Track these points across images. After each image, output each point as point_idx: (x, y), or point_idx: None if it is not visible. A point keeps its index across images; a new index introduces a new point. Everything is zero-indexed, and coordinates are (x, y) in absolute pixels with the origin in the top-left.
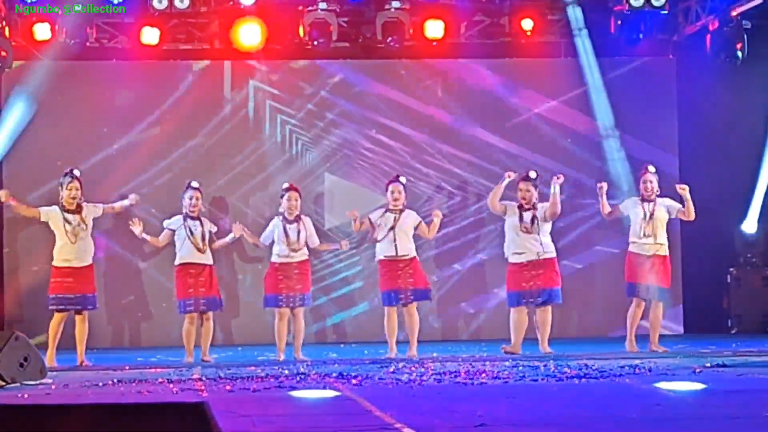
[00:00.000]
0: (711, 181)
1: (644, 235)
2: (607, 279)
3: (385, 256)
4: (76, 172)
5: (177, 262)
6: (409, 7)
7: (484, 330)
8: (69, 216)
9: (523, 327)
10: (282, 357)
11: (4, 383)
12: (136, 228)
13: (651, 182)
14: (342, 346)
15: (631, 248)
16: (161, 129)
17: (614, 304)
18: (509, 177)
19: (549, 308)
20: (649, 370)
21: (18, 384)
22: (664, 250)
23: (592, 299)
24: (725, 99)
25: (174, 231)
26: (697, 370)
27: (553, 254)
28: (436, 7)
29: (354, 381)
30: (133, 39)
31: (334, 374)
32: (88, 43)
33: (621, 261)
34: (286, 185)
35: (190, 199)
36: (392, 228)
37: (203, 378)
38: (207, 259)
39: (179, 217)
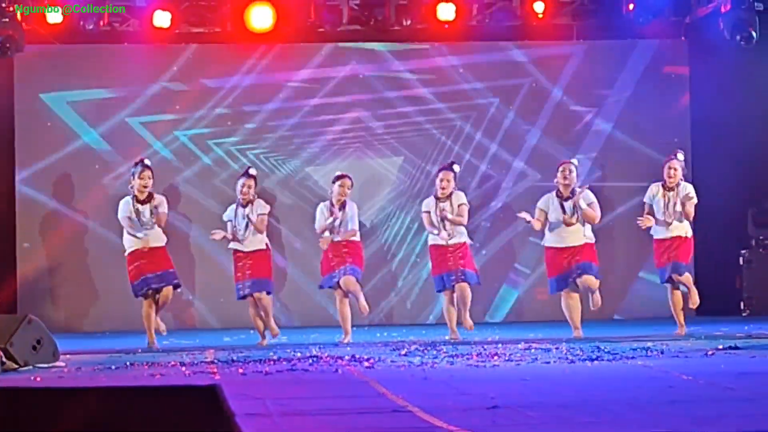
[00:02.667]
0: (723, 163)
1: (666, 224)
2: (615, 260)
3: (435, 243)
4: (147, 162)
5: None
6: None
7: (523, 312)
8: (140, 207)
9: (572, 310)
10: (348, 339)
11: (17, 366)
12: (218, 236)
13: (675, 169)
14: (365, 328)
15: (656, 236)
16: (177, 113)
17: (620, 286)
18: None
19: (590, 278)
20: (661, 353)
21: (31, 367)
22: (686, 232)
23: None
24: (737, 81)
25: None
26: (710, 353)
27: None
28: None
29: (366, 363)
30: (144, 22)
31: (347, 357)
32: (100, 27)
33: (629, 242)
34: (339, 174)
35: (242, 186)
36: (443, 216)
37: (215, 361)
38: (248, 246)
39: (232, 207)
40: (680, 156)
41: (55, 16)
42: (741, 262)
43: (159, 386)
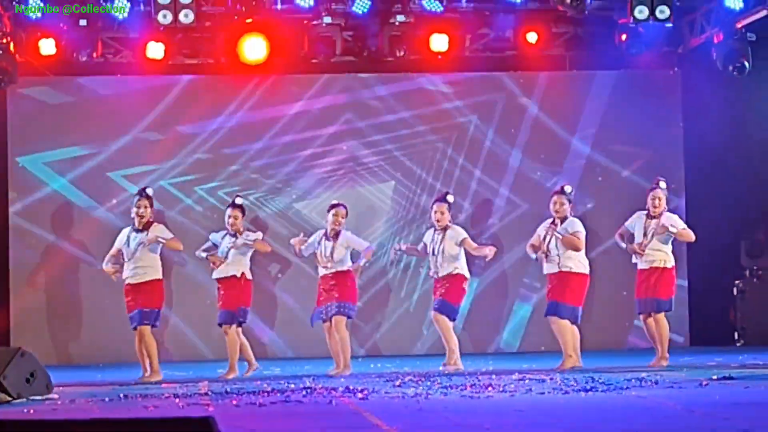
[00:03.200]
0: (716, 194)
1: (644, 251)
2: (612, 292)
3: (430, 275)
4: (149, 191)
5: None
6: (414, 21)
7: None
8: (134, 234)
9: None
10: (337, 371)
11: (10, 399)
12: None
13: (659, 199)
14: (359, 360)
15: (638, 266)
16: (168, 142)
17: (617, 317)
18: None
19: (558, 320)
20: (656, 383)
21: (24, 399)
22: (664, 262)
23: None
24: (730, 111)
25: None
26: (704, 383)
27: (573, 269)
28: (441, 21)
29: (360, 395)
30: (138, 54)
31: (341, 388)
32: (93, 59)
33: (625, 273)
34: (335, 202)
35: (228, 217)
36: (433, 249)
37: (209, 392)
38: (221, 272)
39: (222, 233)
40: (662, 184)
41: (48, 48)
42: (735, 292)
43: (153, 418)
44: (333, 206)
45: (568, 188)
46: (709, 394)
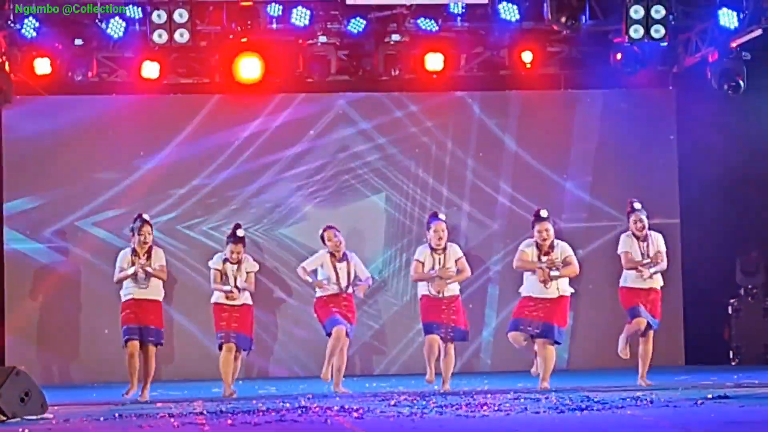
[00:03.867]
0: (711, 212)
1: (646, 271)
2: (602, 310)
3: (428, 294)
4: (146, 216)
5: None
6: (409, 40)
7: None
8: (136, 260)
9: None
10: (328, 377)
11: (5, 418)
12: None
13: (641, 221)
14: (354, 379)
15: (630, 284)
16: (163, 164)
17: (608, 336)
18: None
19: (548, 344)
20: (651, 402)
21: (19, 419)
22: (659, 283)
23: (588, 331)
24: (725, 130)
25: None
26: (699, 402)
27: (567, 293)
28: (436, 40)
29: (355, 414)
30: (133, 73)
31: (336, 407)
32: (88, 78)
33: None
34: (321, 229)
35: (231, 252)
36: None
37: (204, 412)
38: (236, 301)
39: (220, 255)
40: (637, 205)
41: (43, 67)
42: (730, 311)
43: None
44: (326, 229)
45: (544, 213)
46: (704, 413)
